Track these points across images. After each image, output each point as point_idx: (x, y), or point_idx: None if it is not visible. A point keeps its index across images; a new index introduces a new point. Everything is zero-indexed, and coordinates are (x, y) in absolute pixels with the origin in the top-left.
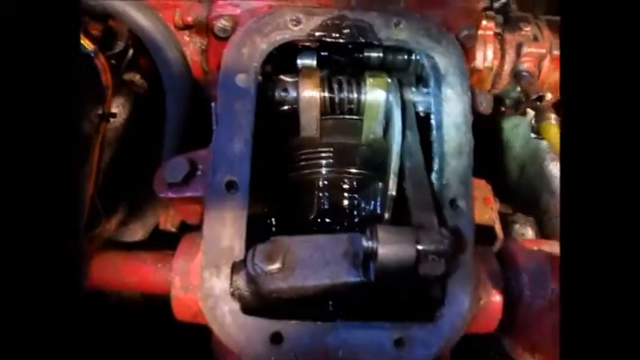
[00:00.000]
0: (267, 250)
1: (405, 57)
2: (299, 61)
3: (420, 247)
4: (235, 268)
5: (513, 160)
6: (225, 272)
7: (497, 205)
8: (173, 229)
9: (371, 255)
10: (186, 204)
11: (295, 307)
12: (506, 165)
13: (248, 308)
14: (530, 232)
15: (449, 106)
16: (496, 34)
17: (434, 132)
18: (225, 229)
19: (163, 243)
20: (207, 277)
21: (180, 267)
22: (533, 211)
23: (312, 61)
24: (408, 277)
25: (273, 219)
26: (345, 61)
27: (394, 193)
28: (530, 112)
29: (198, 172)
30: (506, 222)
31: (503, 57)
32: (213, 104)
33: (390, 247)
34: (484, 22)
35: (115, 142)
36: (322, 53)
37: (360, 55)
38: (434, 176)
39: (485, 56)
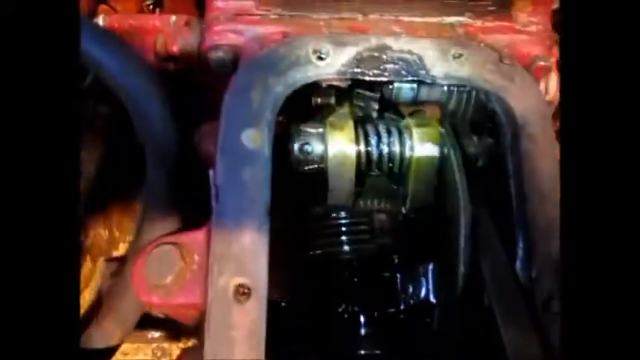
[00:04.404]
0: None
1: (445, 89)
2: (313, 99)
3: None
4: None
5: None
6: None
7: None
8: (162, 316)
9: None
10: (177, 310)
11: None
12: None
13: None
14: None
15: (530, 167)
16: (557, 60)
17: (513, 204)
18: (236, 357)
19: None
20: None
21: None
22: None
23: (328, 98)
24: None
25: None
26: (370, 96)
27: (462, 283)
28: None
29: (194, 266)
30: None
31: None
32: (210, 172)
33: None
34: None
35: None
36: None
37: (390, 87)
38: (518, 266)
39: (547, 88)
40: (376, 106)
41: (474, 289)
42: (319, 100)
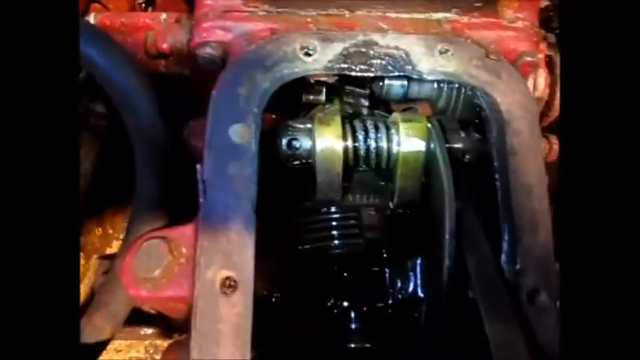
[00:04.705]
0: None
1: (435, 86)
2: (304, 97)
3: None
4: None
5: None
6: None
7: None
8: (152, 311)
9: None
10: (165, 303)
11: None
12: None
13: None
14: None
15: (516, 162)
16: (546, 57)
17: (499, 199)
18: (222, 349)
19: None
20: None
21: None
22: None
23: (318, 95)
24: None
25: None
26: (360, 93)
27: (447, 277)
28: None
29: (182, 260)
30: None
31: (554, 84)
32: (198, 167)
33: None
34: None
35: None
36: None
37: (381, 84)
38: (503, 259)
39: (535, 84)
40: (366, 103)
41: (460, 284)
42: (310, 97)
